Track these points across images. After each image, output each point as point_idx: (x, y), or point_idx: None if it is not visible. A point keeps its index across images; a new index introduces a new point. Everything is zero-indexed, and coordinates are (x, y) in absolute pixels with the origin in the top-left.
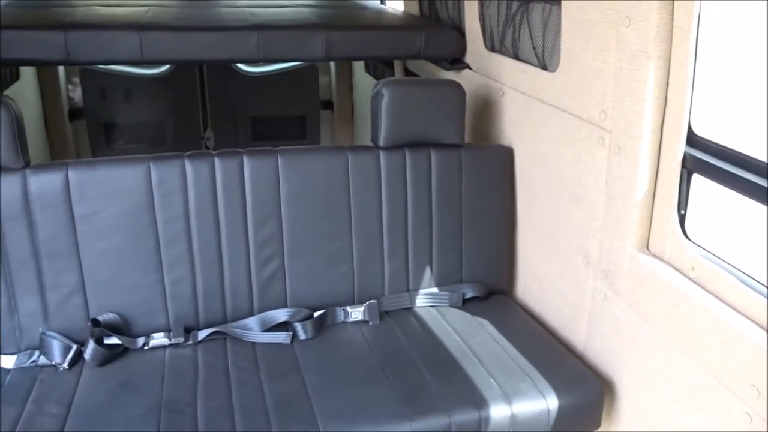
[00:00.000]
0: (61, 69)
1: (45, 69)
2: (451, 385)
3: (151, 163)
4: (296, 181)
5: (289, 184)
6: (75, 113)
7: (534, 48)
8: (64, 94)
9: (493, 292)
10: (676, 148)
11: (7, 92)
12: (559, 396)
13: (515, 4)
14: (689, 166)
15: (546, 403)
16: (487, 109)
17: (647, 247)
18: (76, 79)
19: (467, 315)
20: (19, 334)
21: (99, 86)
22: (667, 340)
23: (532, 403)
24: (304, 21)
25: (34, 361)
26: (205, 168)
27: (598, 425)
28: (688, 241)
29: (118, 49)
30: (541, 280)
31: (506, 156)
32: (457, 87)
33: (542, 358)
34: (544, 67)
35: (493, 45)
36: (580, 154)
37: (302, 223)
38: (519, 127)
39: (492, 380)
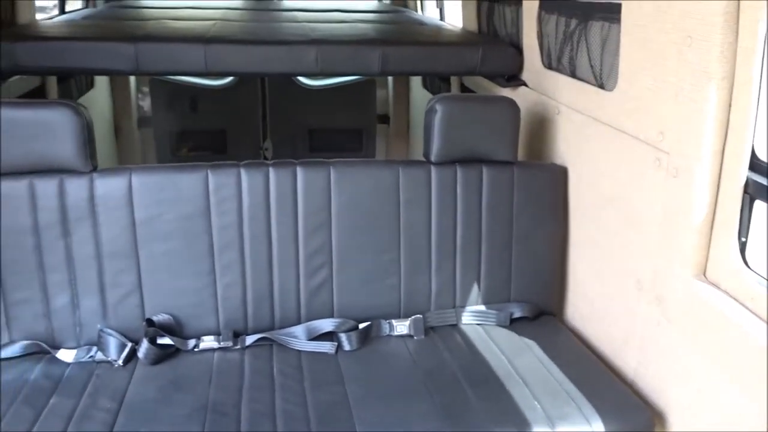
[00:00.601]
0: (132, 79)
1: (117, 79)
2: (494, 404)
3: (209, 171)
4: (348, 193)
5: (341, 196)
6: (143, 121)
7: (591, 66)
8: (134, 102)
9: (542, 313)
10: (738, 173)
11: (81, 99)
12: (605, 423)
13: (574, 22)
14: (752, 192)
15: (591, 429)
16: (542, 127)
17: (704, 275)
18: (146, 89)
19: (514, 335)
20: (79, 330)
21: (167, 96)
22: (721, 371)
23: (576, 428)
24: (361, 36)
25: (91, 357)
26: (259, 177)
27: None
28: (749, 270)
29: (184, 60)
30: (592, 303)
31: (560, 175)
32: (512, 104)
33: (589, 383)
34: (602, 86)
35: (550, 62)
36: (636, 175)
37: (352, 235)
38: (574, 146)
39: (536, 402)
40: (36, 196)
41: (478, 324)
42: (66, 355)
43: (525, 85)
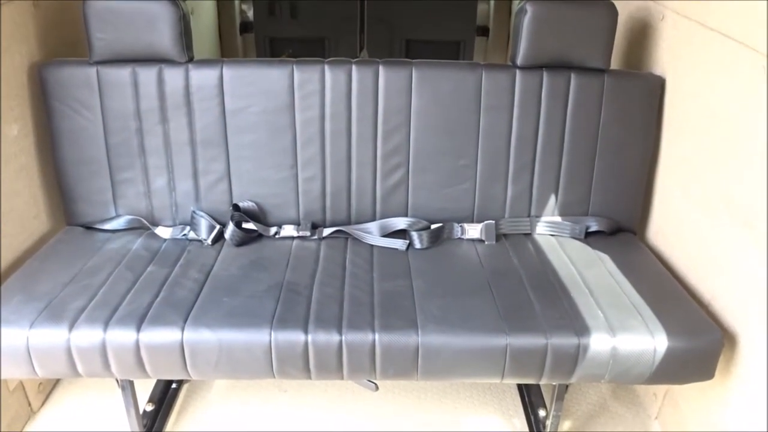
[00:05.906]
0: None
1: None
2: (555, 309)
3: (294, 66)
4: (428, 94)
5: (421, 97)
6: (245, 27)
7: None
8: (237, 7)
9: (620, 230)
10: None
11: (187, 3)
12: (669, 337)
13: None
14: None
15: (653, 342)
16: (642, 33)
17: None
18: None
19: (588, 248)
20: (175, 210)
21: (268, 2)
22: None
23: (637, 339)
24: None
25: (185, 235)
26: (342, 74)
27: (711, 376)
28: None
29: None
30: (677, 223)
31: (656, 86)
32: (610, 7)
33: (660, 299)
34: None
35: None
36: (743, 88)
37: (430, 137)
38: (676, 55)
39: (599, 312)
40: (138, 84)
41: (551, 235)
42: (163, 231)
43: None
